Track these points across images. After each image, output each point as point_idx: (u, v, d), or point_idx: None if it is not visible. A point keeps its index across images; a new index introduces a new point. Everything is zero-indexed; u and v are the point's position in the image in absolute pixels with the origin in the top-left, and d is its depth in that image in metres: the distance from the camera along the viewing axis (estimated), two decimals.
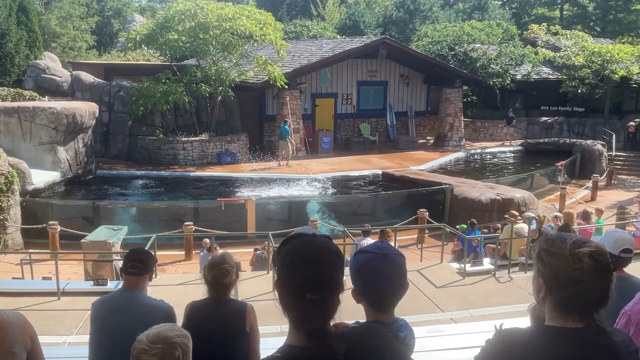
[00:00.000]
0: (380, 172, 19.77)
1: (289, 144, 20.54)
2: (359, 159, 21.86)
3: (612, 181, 21.39)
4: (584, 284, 1.72)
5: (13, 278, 9.49)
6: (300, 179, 18.68)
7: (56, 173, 16.31)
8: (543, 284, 1.80)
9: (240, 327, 3.46)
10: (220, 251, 3.92)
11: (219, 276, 3.43)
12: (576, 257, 1.73)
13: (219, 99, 21.09)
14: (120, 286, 3.86)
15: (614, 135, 24.53)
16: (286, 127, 20.82)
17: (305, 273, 1.62)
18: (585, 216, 11.65)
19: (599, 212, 12.69)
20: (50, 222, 12.19)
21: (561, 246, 1.78)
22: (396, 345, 1.87)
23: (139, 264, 3.53)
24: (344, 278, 1.73)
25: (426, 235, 14.14)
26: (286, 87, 20.69)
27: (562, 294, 1.75)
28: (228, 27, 19.82)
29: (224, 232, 12.71)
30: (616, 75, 25.57)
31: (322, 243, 1.68)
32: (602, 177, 20.74)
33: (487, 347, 1.83)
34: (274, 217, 15.50)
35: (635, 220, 11.70)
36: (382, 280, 1.94)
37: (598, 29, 43.86)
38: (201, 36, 19.80)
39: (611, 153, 23.47)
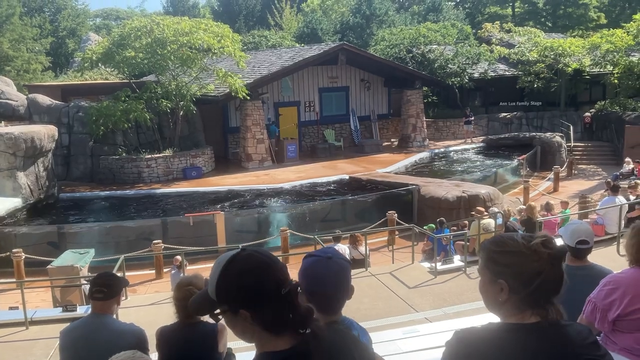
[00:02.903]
0: (347, 177, 19.88)
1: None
2: (325, 165, 21.93)
3: (573, 171, 21.94)
4: (544, 275, 1.77)
5: None
6: (268, 189, 18.64)
7: (17, 199, 15.90)
8: (505, 285, 1.81)
9: (213, 350, 3.40)
10: (191, 273, 3.86)
11: (182, 298, 3.34)
12: (532, 250, 1.79)
13: (180, 113, 20.91)
14: (89, 311, 3.79)
15: (571, 127, 25.17)
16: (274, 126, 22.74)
17: (274, 277, 1.61)
18: (547, 208, 11.93)
19: (565, 204, 13.00)
20: (14, 250, 11.87)
21: (514, 244, 1.82)
22: (360, 341, 1.92)
23: (104, 289, 3.45)
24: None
25: (396, 236, 14.27)
26: (248, 98, 20.64)
27: (526, 289, 1.78)
28: (185, 41, 19.69)
29: (194, 248, 12.59)
30: (569, 68, 26.29)
31: (262, 253, 1.68)
32: (563, 168, 21.26)
33: (447, 349, 1.86)
34: (243, 229, 15.41)
35: (596, 208, 12.02)
36: (326, 282, 2.03)
37: (549, 24, 45.05)
38: (159, 52, 19.62)
39: (570, 144, 24.06)
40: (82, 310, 7.92)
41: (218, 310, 1.64)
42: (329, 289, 2.03)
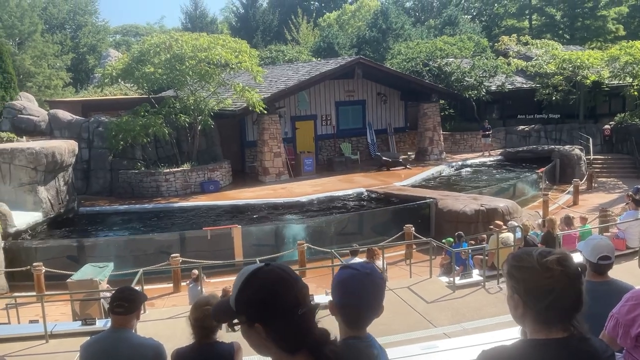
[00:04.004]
0: (364, 190, 19.83)
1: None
2: (342, 179, 21.92)
3: (593, 184, 21.67)
4: (558, 292, 1.77)
5: None
6: (285, 203, 18.67)
7: (38, 213, 16.11)
8: (519, 300, 1.83)
9: None
10: (209, 292, 3.86)
11: (201, 318, 3.33)
12: (545, 267, 1.79)
13: (198, 128, 21.09)
14: (108, 325, 3.82)
15: (590, 139, 24.90)
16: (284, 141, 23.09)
17: (290, 294, 1.62)
18: (567, 221, 11.77)
19: (584, 219, 12.79)
20: (34, 264, 12.01)
21: (529, 259, 1.83)
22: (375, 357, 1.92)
23: (125, 303, 3.48)
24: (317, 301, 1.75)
25: (414, 250, 14.16)
26: (265, 112, 20.78)
27: (539, 305, 1.79)
28: (203, 57, 19.92)
29: (211, 262, 12.61)
30: (588, 81, 26.08)
31: (271, 270, 1.67)
32: (583, 181, 21.01)
33: None
34: (261, 243, 15.43)
35: (617, 222, 11.85)
36: (360, 297, 2.00)
37: (567, 37, 44.80)
38: (177, 67, 19.87)
39: (589, 157, 23.79)
40: (101, 324, 7.97)
41: (236, 321, 1.65)
42: (361, 305, 2.01)
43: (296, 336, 1.61)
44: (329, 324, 1.94)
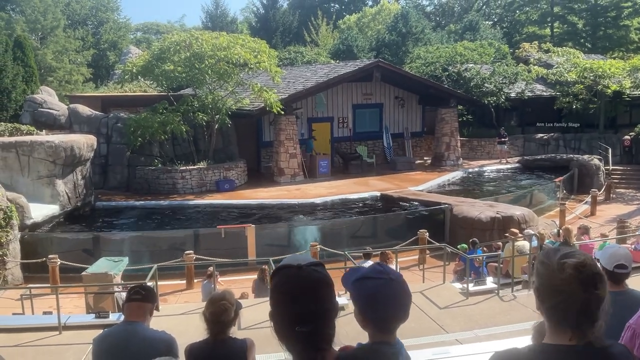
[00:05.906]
0: (378, 194, 19.79)
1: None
2: (357, 182, 21.89)
3: (611, 195, 21.41)
4: (567, 294, 1.78)
5: (13, 314, 9.42)
6: (300, 204, 18.69)
7: (55, 206, 16.28)
8: (537, 294, 1.88)
9: None
10: (223, 288, 3.89)
11: (217, 313, 3.35)
12: (561, 267, 1.80)
13: (216, 127, 21.19)
14: (122, 318, 3.84)
15: (610, 150, 24.60)
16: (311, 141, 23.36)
17: (292, 308, 1.60)
18: (584, 231, 11.64)
19: (604, 236, 12.58)
20: (50, 256, 12.13)
21: (552, 257, 1.86)
22: None
23: (142, 291, 3.55)
24: (340, 303, 1.72)
25: (427, 255, 14.09)
26: (282, 113, 20.81)
27: (549, 302, 1.81)
28: (223, 56, 20.01)
29: (225, 260, 12.66)
30: (609, 90, 25.77)
31: (307, 275, 1.64)
32: (601, 192, 20.76)
33: None
34: (274, 243, 15.45)
35: (636, 234, 11.69)
36: (396, 305, 1.90)
37: (589, 45, 44.32)
38: (197, 66, 19.97)
39: (608, 167, 23.52)
40: (115, 317, 8.03)
41: None
42: (398, 313, 1.91)
43: (291, 349, 1.68)
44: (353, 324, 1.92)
